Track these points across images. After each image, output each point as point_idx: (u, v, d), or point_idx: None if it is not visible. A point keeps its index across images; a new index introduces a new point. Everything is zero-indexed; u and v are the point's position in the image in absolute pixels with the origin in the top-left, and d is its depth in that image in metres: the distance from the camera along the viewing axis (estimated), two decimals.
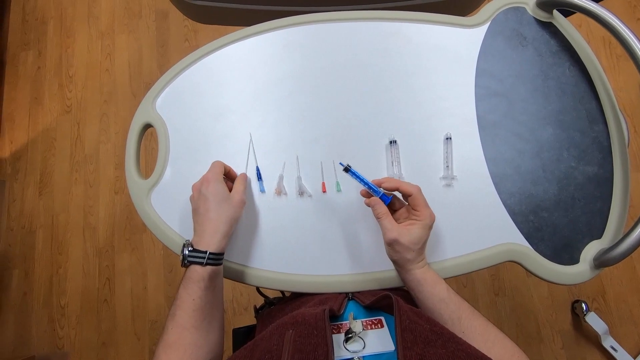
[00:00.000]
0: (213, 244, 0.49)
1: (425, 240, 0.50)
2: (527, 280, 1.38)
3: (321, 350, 0.37)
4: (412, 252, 0.48)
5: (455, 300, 0.48)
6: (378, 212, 0.50)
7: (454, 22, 0.65)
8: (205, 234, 0.50)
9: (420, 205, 0.49)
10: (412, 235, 0.48)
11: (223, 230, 0.51)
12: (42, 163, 1.62)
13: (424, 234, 0.49)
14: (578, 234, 0.57)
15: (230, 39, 0.67)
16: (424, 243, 0.50)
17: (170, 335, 0.46)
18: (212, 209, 0.51)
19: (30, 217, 1.57)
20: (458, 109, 0.62)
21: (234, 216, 0.53)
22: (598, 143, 0.59)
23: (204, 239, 0.50)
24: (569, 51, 0.63)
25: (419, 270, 0.49)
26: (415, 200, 0.49)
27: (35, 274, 1.52)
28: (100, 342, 1.44)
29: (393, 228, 0.48)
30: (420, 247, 0.49)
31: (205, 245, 0.49)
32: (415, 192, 0.49)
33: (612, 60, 1.55)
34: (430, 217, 0.49)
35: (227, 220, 0.52)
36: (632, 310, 1.33)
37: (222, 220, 0.51)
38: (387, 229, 0.49)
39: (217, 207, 0.51)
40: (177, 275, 1.47)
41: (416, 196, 0.49)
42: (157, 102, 0.65)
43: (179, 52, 1.68)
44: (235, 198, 0.54)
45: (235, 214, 0.53)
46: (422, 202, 0.49)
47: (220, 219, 0.51)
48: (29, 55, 1.75)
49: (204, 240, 0.50)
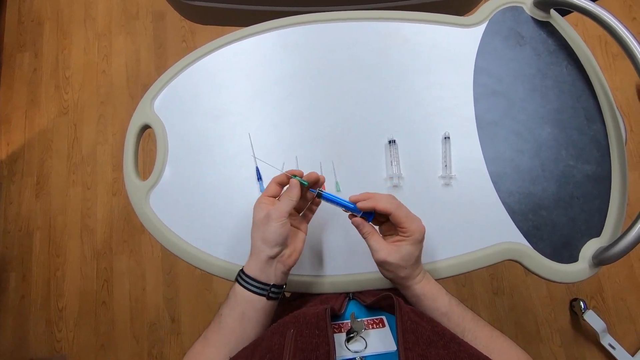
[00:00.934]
0: (246, 263, 0.48)
1: (418, 255, 0.46)
2: (526, 280, 1.38)
3: (322, 349, 0.37)
4: (405, 269, 0.46)
5: (457, 312, 0.46)
6: (362, 232, 0.48)
7: (452, 21, 0.65)
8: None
9: (403, 222, 0.45)
10: (402, 253, 0.45)
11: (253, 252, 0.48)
12: (39, 165, 1.61)
13: (415, 249, 0.45)
14: (577, 232, 0.57)
15: (229, 40, 0.67)
16: (416, 258, 0.46)
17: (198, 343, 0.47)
18: (252, 232, 0.48)
19: (27, 219, 1.56)
20: (457, 108, 0.62)
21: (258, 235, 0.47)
22: (596, 142, 0.60)
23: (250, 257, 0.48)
24: (567, 50, 0.63)
25: (417, 286, 0.47)
26: (396, 218, 0.45)
27: (32, 276, 1.51)
28: (99, 345, 1.43)
29: (380, 248, 0.45)
30: (413, 262, 0.46)
31: (246, 264, 0.48)
32: (393, 209, 0.45)
33: (608, 59, 1.56)
34: (419, 231, 0.45)
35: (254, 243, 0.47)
36: (630, 308, 1.34)
37: (252, 245, 0.48)
38: (374, 249, 0.46)
39: (252, 232, 0.48)
40: (175, 277, 1.46)
41: (395, 213, 0.45)
42: (155, 103, 0.65)
43: (177, 53, 1.68)
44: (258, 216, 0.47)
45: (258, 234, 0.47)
46: (404, 217, 0.45)
47: (252, 243, 0.48)
48: (25, 57, 1.74)
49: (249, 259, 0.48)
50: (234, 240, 0.59)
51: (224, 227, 0.60)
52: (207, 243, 0.59)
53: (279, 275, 0.47)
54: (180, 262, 1.48)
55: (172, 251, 0.60)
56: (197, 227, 0.60)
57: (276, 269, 0.47)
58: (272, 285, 0.47)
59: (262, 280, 0.46)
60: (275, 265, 0.47)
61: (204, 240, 0.59)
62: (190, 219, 0.60)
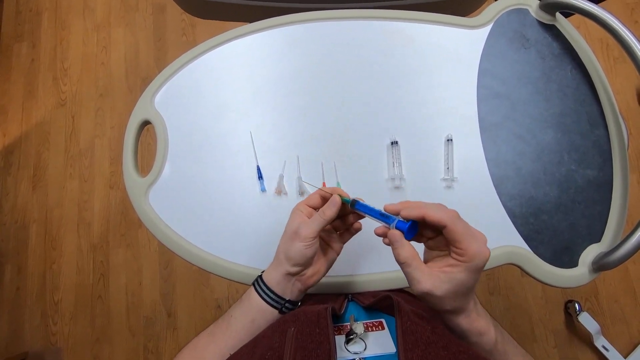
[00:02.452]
0: (267, 269, 0.47)
1: (472, 286, 0.36)
2: (522, 280, 1.39)
3: (323, 347, 0.36)
4: (453, 301, 0.37)
5: (501, 350, 0.40)
6: (400, 257, 0.37)
7: (457, 22, 0.65)
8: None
9: (462, 240, 0.35)
10: (453, 283, 0.35)
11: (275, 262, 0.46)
12: (36, 157, 1.60)
13: (469, 279, 0.35)
14: (577, 237, 0.57)
15: (231, 36, 0.66)
16: (469, 289, 0.37)
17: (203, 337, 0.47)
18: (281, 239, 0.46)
19: (23, 211, 1.55)
20: (460, 109, 0.62)
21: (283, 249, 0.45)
22: (598, 147, 0.59)
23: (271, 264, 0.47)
24: (571, 54, 0.63)
25: (464, 320, 0.39)
26: (453, 233, 0.35)
27: (28, 269, 1.50)
28: (94, 338, 1.43)
29: (424, 278, 0.36)
30: (465, 293, 0.37)
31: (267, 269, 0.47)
32: (451, 222, 0.35)
33: (609, 62, 1.56)
34: (480, 256, 0.35)
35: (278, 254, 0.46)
36: (623, 311, 1.35)
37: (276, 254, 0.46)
38: (415, 280, 0.36)
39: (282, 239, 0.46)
40: (172, 271, 1.46)
41: (453, 228, 0.35)
42: (156, 99, 0.64)
43: (176, 47, 1.66)
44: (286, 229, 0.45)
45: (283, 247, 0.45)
46: (464, 234, 0.35)
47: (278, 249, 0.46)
48: (22, 47, 1.72)
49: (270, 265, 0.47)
50: (232, 239, 0.59)
51: (223, 226, 0.59)
52: (205, 241, 0.59)
53: (296, 292, 0.46)
54: (177, 257, 1.47)
55: (171, 248, 0.59)
56: (195, 224, 0.60)
57: (294, 286, 0.46)
58: (287, 300, 0.46)
59: (278, 292, 0.46)
60: (294, 282, 0.46)
61: (202, 238, 0.59)
62: (189, 217, 0.60)
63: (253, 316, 0.46)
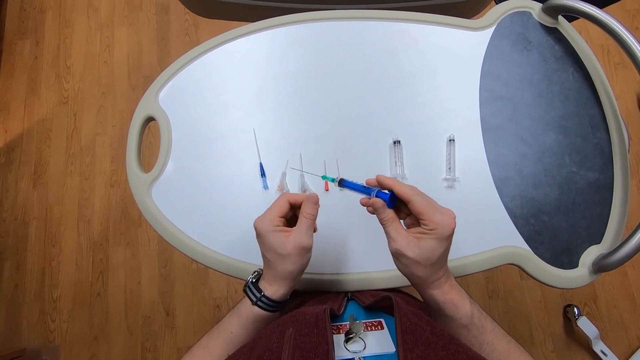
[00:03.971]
0: (269, 289, 0.46)
1: (441, 253, 0.40)
2: (521, 284, 1.39)
3: (322, 348, 0.37)
4: (424, 268, 0.40)
5: (478, 325, 0.42)
6: (382, 217, 0.42)
7: (461, 24, 0.65)
8: (266, 278, 0.46)
9: (425, 212, 0.39)
10: (422, 249, 0.39)
11: (281, 283, 0.46)
12: (37, 154, 1.60)
13: (437, 246, 0.39)
14: (578, 238, 0.57)
15: (235, 35, 0.67)
16: (439, 257, 0.40)
17: (199, 351, 0.46)
18: (267, 261, 0.46)
19: (23, 208, 1.55)
20: (462, 110, 0.62)
21: (293, 269, 0.45)
22: (599, 149, 0.60)
23: (268, 279, 0.46)
24: (573, 57, 0.64)
25: (436, 291, 0.41)
26: (416, 205, 0.39)
27: (27, 266, 1.50)
28: (92, 337, 1.42)
29: (399, 237, 0.40)
30: (434, 262, 0.40)
31: (264, 287, 0.46)
32: (413, 196, 0.40)
33: (610, 68, 1.57)
34: (444, 225, 0.39)
35: (285, 275, 0.45)
36: (622, 316, 1.35)
37: (279, 274, 0.45)
38: (392, 237, 0.41)
39: (275, 262, 0.45)
40: (171, 270, 1.46)
41: (415, 201, 0.39)
42: (160, 96, 0.65)
43: (179, 46, 1.67)
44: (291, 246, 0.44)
45: (294, 267, 0.44)
46: (426, 207, 0.39)
47: (278, 272, 0.45)
48: (26, 45, 1.72)
49: (265, 281, 0.46)
50: (234, 236, 0.59)
51: (225, 222, 0.59)
52: (207, 237, 0.59)
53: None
54: (176, 256, 1.49)
55: (173, 244, 0.59)
56: (197, 221, 0.60)
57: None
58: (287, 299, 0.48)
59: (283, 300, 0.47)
60: None
61: (204, 234, 0.59)
62: (191, 213, 0.60)
63: (257, 328, 0.46)
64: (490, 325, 0.43)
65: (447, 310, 0.41)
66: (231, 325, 0.46)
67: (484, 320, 0.43)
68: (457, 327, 0.42)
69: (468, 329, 0.42)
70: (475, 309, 0.43)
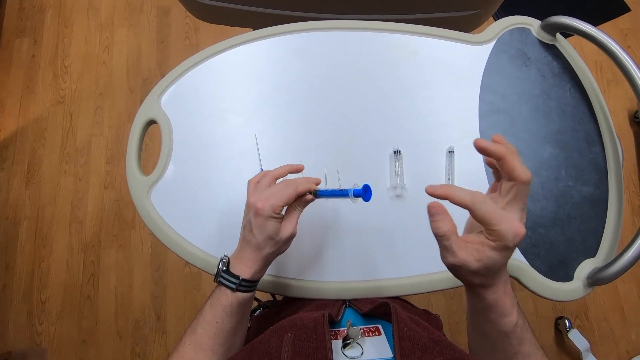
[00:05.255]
0: (248, 272, 0.46)
1: (503, 263, 0.37)
2: (514, 295, 1.40)
3: (320, 353, 0.37)
4: (484, 278, 0.37)
5: (519, 335, 0.40)
6: (439, 230, 0.36)
7: (461, 38, 0.67)
8: (243, 260, 0.46)
9: (489, 221, 0.34)
10: (484, 262, 0.35)
11: (262, 264, 0.47)
12: (31, 153, 1.58)
13: (500, 258, 0.35)
14: (573, 251, 0.58)
15: (238, 41, 0.67)
16: (499, 267, 0.37)
17: (187, 350, 0.45)
18: (255, 242, 0.45)
19: (15, 207, 1.53)
20: (462, 123, 0.63)
21: (278, 252, 0.47)
22: (595, 164, 0.61)
23: (242, 263, 0.46)
24: (570, 73, 0.65)
25: (490, 295, 0.38)
26: (478, 214, 0.34)
27: (16, 266, 1.48)
28: (81, 340, 1.40)
29: (459, 252, 0.36)
30: (495, 271, 0.37)
31: (240, 270, 0.45)
32: (475, 204, 0.34)
33: (603, 84, 1.61)
34: (511, 234, 0.34)
35: (268, 256, 0.47)
36: (612, 329, 1.36)
37: (262, 256, 0.46)
38: (451, 251, 0.36)
39: (262, 243, 0.45)
40: (164, 274, 1.44)
41: (477, 208, 0.34)
42: (162, 100, 0.65)
43: (179, 50, 1.67)
44: (284, 236, 0.46)
45: (279, 250, 0.47)
46: (491, 214, 0.34)
47: (261, 254, 0.46)
48: (24, 43, 1.71)
49: (241, 265, 0.46)
50: (234, 241, 0.58)
51: (224, 227, 0.59)
52: (206, 242, 0.59)
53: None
54: (169, 260, 1.47)
55: (170, 248, 0.59)
56: (197, 225, 0.60)
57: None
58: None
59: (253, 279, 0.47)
60: None
61: (203, 239, 0.59)
62: (191, 217, 0.60)
63: (243, 312, 0.47)
64: (530, 338, 0.41)
65: (493, 314, 0.39)
66: (215, 316, 0.45)
67: (526, 331, 0.41)
68: (496, 332, 0.40)
69: (507, 337, 0.40)
70: (521, 319, 0.40)
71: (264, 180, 0.48)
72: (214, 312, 0.46)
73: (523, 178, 0.35)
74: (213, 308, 0.46)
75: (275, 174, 0.49)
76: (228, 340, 0.46)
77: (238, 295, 0.45)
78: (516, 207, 0.36)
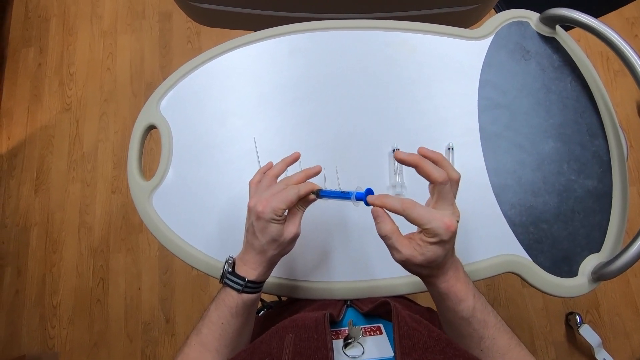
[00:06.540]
0: (253, 274, 0.46)
1: (446, 254, 0.39)
2: (522, 291, 1.38)
3: (321, 353, 0.37)
4: (430, 269, 0.40)
5: (480, 319, 0.42)
6: (382, 231, 0.40)
7: (459, 33, 0.66)
8: (248, 263, 0.46)
9: (421, 222, 0.38)
10: (426, 255, 0.38)
11: (267, 266, 0.46)
12: (39, 160, 1.61)
13: (440, 251, 0.38)
14: (577, 246, 0.57)
15: (236, 44, 0.68)
16: (444, 258, 0.40)
17: (192, 350, 0.45)
18: (259, 245, 0.45)
19: (25, 214, 1.56)
20: (461, 119, 0.62)
21: (282, 253, 0.47)
22: (598, 157, 0.60)
23: (247, 265, 0.46)
24: (571, 66, 0.64)
25: (441, 284, 0.41)
26: (410, 218, 0.38)
27: (28, 272, 1.50)
28: (92, 343, 1.42)
29: (403, 249, 0.39)
30: (440, 262, 0.40)
31: (246, 272, 0.45)
32: (405, 210, 0.38)
33: (610, 75, 1.58)
34: (442, 230, 0.37)
35: (273, 258, 0.46)
36: (625, 324, 1.34)
37: (267, 258, 0.46)
38: (396, 249, 0.40)
39: (265, 245, 0.45)
40: (171, 277, 1.46)
41: (407, 214, 0.38)
42: (162, 104, 0.65)
43: (182, 54, 1.69)
44: (288, 237, 0.45)
45: (284, 251, 0.47)
46: (421, 216, 0.38)
47: (266, 256, 0.46)
48: (29, 52, 1.74)
49: (247, 267, 0.46)
50: (235, 244, 0.59)
51: (226, 230, 0.60)
52: (208, 245, 0.59)
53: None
54: (176, 262, 1.49)
55: (173, 252, 0.60)
56: (198, 228, 0.60)
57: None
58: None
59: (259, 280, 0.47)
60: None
61: (205, 242, 0.59)
62: (192, 221, 0.60)
63: (249, 313, 0.47)
64: (493, 321, 0.43)
65: (449, 302, 0.42)
66: (220, 317, 0.45)
67: (487, 314, 0.42)
68: (458, 319, 0.42)
69: (469, 322, 0.42)
70: (479, 302, 0.42)
71: (265, 180, 0.48)
72: (219, 313, 0.46)
73: (438, 180, 0.39)
74: (218, 309, 0.46)
75: (275, 172, 0.49)
76: (233, 340, 0.46)
77: (244, 297, 0.45)
78: (444, 204, 0.40)
